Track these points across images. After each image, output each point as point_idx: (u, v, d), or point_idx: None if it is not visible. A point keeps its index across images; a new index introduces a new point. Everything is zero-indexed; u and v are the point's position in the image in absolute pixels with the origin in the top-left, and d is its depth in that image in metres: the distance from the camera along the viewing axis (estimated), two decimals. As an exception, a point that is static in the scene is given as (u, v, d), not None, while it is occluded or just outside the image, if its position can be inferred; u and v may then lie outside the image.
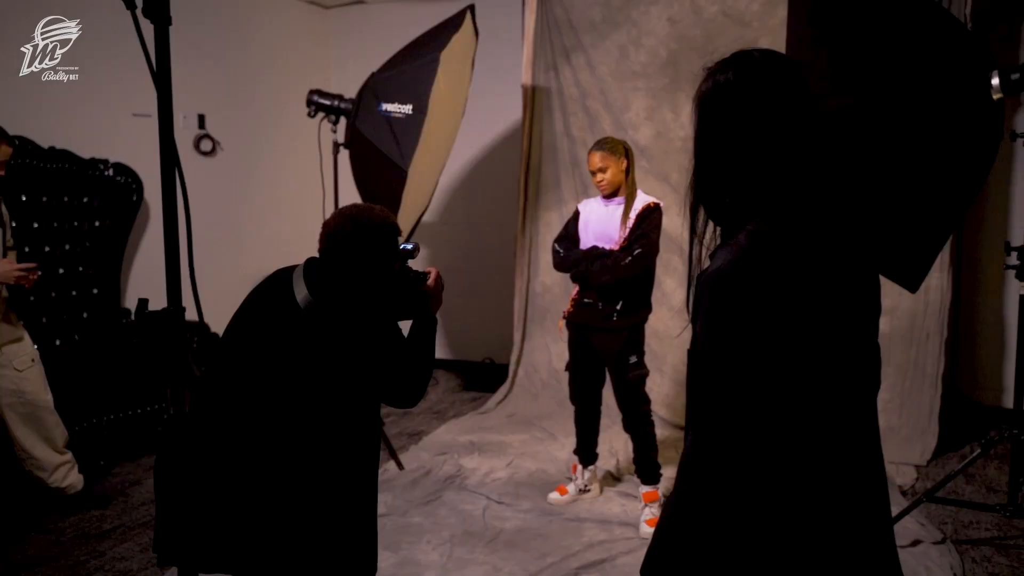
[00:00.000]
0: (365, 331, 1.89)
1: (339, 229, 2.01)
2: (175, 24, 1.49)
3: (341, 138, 4.26)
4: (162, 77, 1.44)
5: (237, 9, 5.67)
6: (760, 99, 1.22)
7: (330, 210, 4.70)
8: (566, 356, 5.23)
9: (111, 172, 4.65)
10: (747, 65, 1.25)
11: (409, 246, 2.17)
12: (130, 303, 4.96)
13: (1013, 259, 3.13)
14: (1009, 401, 4.72)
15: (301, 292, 1.89)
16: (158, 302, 4.71)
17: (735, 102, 1.24)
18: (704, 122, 1.29)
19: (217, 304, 5.68)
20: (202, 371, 4.55)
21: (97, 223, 4.58)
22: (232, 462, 1.83)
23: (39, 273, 3.33)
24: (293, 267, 2.04)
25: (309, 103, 4.22)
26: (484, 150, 5.99)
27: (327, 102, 4.20)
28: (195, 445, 1.86)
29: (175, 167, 1.50)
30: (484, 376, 5.82)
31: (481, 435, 4.69)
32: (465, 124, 4.82)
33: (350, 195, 4.83)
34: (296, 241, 6.41)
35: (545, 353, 5.32)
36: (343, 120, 4.27)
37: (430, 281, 2.16)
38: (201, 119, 5.45)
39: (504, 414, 5.14)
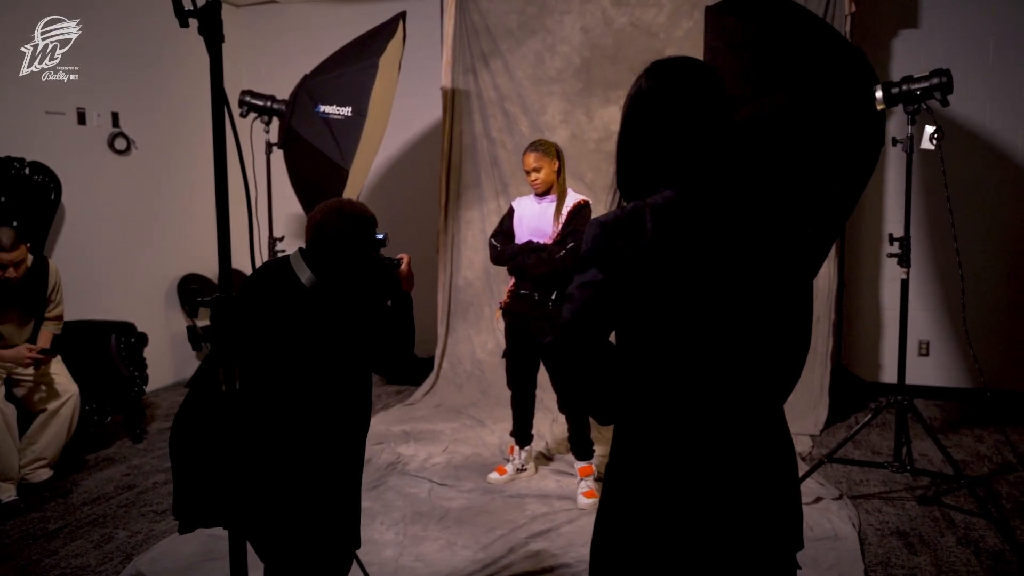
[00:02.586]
0: (361, 305, 2.12)
1: (326, 221, 2.17)
2: (86, 21, 1.61)
3: (274, 138, 4.34)
4: (216, 86, 1.58)
5: (145, 4, 5.59)
6: (668, 100, 1.45)
7: (263, 208, 4.78)
8: (489, 347, 5.51)
9: (27, 171, 4.55)
10: (663, 72, 1.48)
11: (381, 236, 2.37)
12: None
13: (895, 248, 3.60)
14: (886, 376, 5.32)
15: (305, 274, 2.07)
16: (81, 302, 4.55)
17: (650, 103, 1.47)
18: (627, 119, 1.53)
19: (138, 302, 5.64)
20: (130, 372, 4.52)
21: (14, 223, 4.47)
22: (247, 430, 1.99)
23: (53, 358, 3.92)
24: (284, 258, 2.21)
25: (241, 103, 4.29)
26: (404, 150, 6.15)
27: (260, 103, 4.28)
28: (209, 417, 2.00)
29: (234, 166, 1.62)
30: (407, 369, 5.98)
31: (413, 425, 4.87)
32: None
33: (284, 193, 4.92)
34: (232, 240, 6.37)
35: (468, 345, 5.54)
36: (275, 120, 4.35)
37: (403, 266, 2.39)
38: (115, 117, 5.37)
39: (431, 404, 5.33)
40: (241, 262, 6.59)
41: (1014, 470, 4.03)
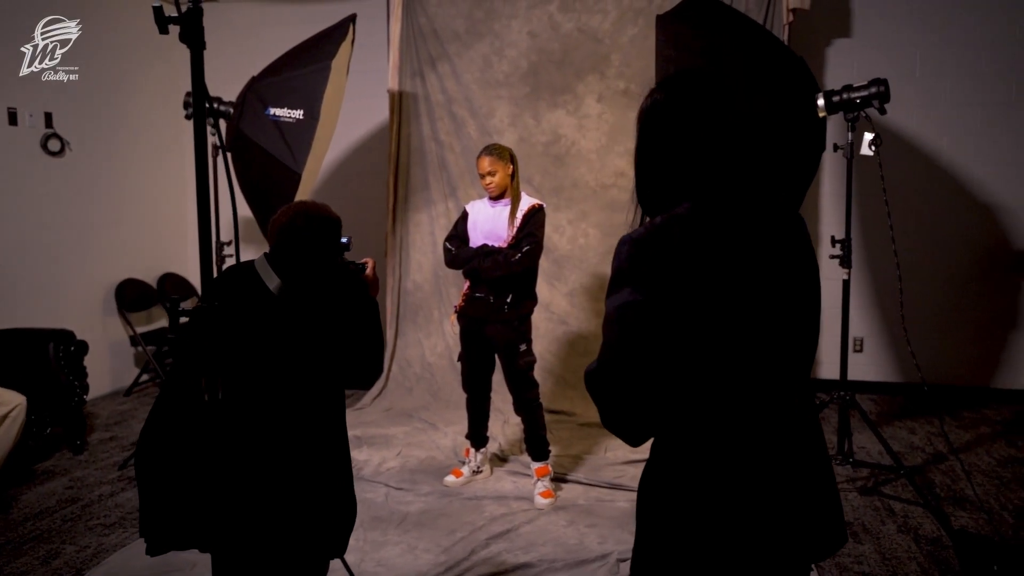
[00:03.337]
0: (330, 311, 2.09)
1: (292, 223, 2.12)
2: (15, 18, 1.59)
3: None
4: (198, 96, 1.56)
5: (81, 5, 5.42)
6: (686, 112, 1.45)
7: (212, 213, 4.68)
8: (438, 350, 5.51)
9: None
10: (677, 85, 1.49)
11: (344, 239, 2.35)
12: (-21, 313, 4.66)
13: (836, 249, 3.75)
14: (824, 372, 5.52)
15: (273, 281, 2.03)
16: (14, 309, 4.43)
17: (666, 116, 1.47)
18: (644, 133, 1.51)
19: (74, 309, 5.45)
20: (69, 381, 4.36)
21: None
22: (223, 443, 1.95)
23: None
24: (249, 262, 2.16)
25: (186, 105, 4.20)
26: (350, 152, 6.10)
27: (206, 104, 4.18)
28: (178, 432, 1.96)
29: (211, 176, 1.59)
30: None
31: (364, 429, 4.84)
32: (334, 127, 4.94)
33: (229, 197, 4.82)
34: (169, 243, 6.25)
35: (418, 348, 5.53)
36: (221, 123, 4.27)
37: (368, 271, 2.37)
38: (48, 117, 5.19)
39: (381, 409, 5.30)
40: (179, 266, 6.45)
41: (945, 459, 4.24)
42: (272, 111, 3.99)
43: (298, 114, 3.98)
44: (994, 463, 4.18)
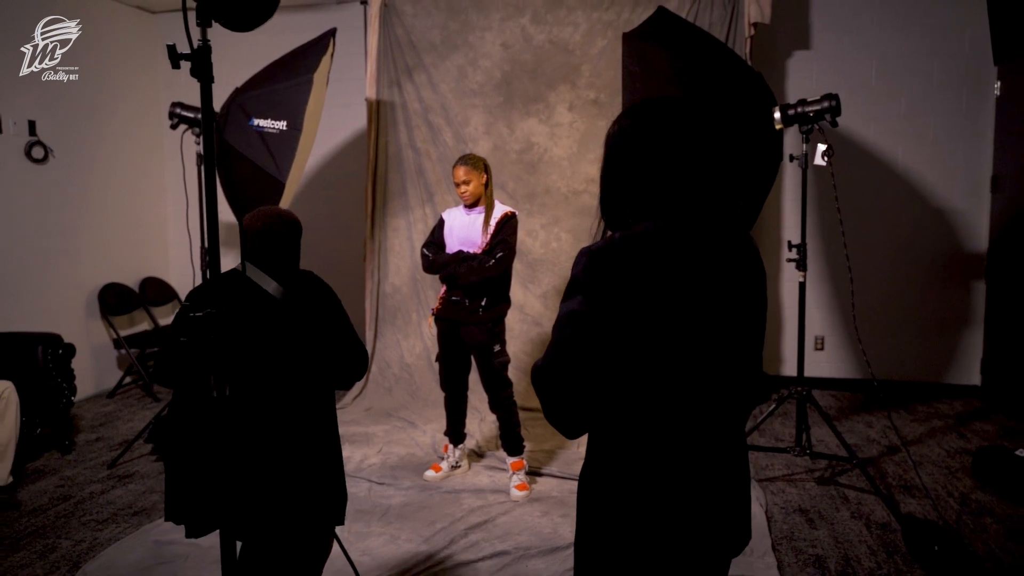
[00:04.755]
0: (327, 309, 2.28)
1: (269, 229, 2.25)
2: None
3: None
4: (207, 125, 1.72)
5: (63, 11, 5.53)
6: (652, 140, 1.53)
7: (195, 219, 4.82)
8: (416, 351, 5.69)
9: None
10: (643, 112, 1.57)
11: None
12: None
13: (793, 254, 3.98)
14: (786, 369, 5.76)
15: (270, 285, 2.19)
16: None
17: (631, 141, 1.55)
18: (610, 156, 1.61)
19: (58, 313, 5.55)
20: (57, 383, 4.48)
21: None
22: (238, 436, 2.12)
23: None
24: (233, 270, 2.29)
25: (172, 115, 4.33)
26: (329, 159, 6.25)
27: (191, 114, 4.33)
28: (199, 427, 2.13)
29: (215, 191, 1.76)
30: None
31: (344, 428, 4.99)
32: (314, 135, 5.09)
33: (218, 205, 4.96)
34: (150, 248, 6.35)
35: (397, 350, 5.70)
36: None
37: None
38: (32, 125, 5.29)
39: (361, 408, 5.47)
40: (160, 271, 6.55)
41: (898, 451, 4.49)
42: (256, 122, 4.14)
43: (281, 125, 4.13)
44: (944, 454, 4.43)
